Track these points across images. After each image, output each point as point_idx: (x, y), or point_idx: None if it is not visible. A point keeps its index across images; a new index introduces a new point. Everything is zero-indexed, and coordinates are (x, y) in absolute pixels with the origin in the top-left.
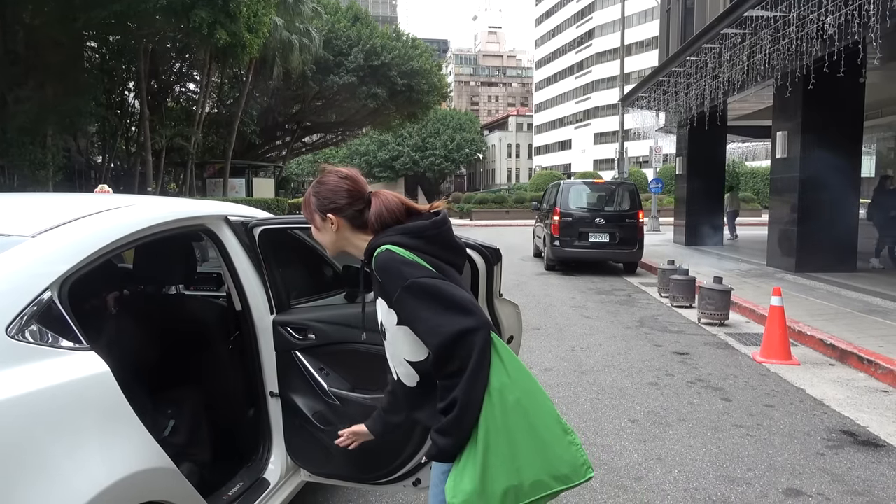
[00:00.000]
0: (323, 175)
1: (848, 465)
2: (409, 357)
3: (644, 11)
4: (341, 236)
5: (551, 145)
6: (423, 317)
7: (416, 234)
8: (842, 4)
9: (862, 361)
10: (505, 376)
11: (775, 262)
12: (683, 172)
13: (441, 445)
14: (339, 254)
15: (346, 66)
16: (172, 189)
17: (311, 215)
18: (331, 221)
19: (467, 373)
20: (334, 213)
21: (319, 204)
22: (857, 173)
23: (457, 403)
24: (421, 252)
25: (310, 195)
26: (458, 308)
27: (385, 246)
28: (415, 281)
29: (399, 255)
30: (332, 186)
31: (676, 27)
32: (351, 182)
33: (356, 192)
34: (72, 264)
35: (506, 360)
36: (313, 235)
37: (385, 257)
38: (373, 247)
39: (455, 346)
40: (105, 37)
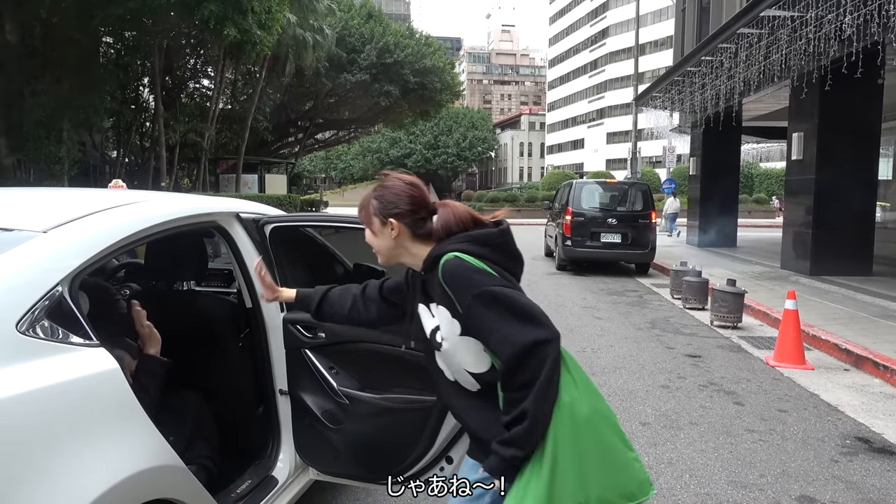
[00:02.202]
0: (386, 179)
1: (862, 473)
2: (472, 368)
3: (659, 10)
4: (399, 243)
5: (564, 144)
6: (494, 326)
7: (484, 242)
8: (861, 4)
9: (878, 367)
10: (574, 390)
11: (789, 264)
12: (697, 173)
13: (507, 457)
14: (391, 262)
15: (359, 63)
16: (186, 185)
17: (370, 218)
18: (391, 227)
19: (538, 384)
20: (396, 219)
21: (382, 208)
22: (875, 176)
23: (527, 415)
24: (487, 260)
25: (370, 198)
26: (530, 318)
27: (453, 253)
28: (487, 289)
29: (468, 262)
30: (397, 191)
31: (692, 26)
32: (416, 189)
33: (421, 199)
34: (83, 260)
35: (574, 373)
36: (368, 240)
37: (454, 264)
38: (438, 254)
39: (528, 356)
40: (120, 32)
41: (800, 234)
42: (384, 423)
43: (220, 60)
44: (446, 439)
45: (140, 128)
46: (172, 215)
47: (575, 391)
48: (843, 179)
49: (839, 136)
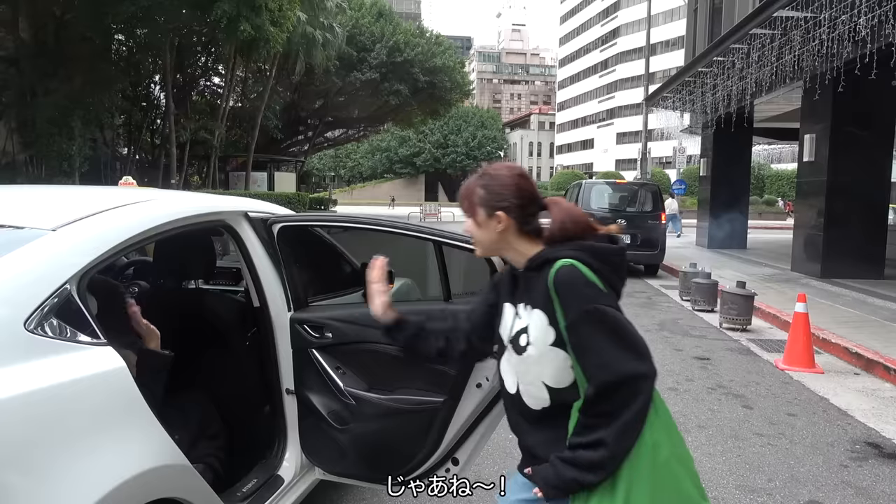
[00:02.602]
0: (493, 168)
1: (872, 479)
2: (551, 382)
3: (670, 10)
4: (503, 237)
5: (573, 144)
6: (596, 347)
7: (602, 257)
8: (875, 5)
9: (889, 371)
10: (660, 432)
11: (800, 267)
12: (707, 174)
13: (567, 478)
14: (489, 255)
15: (368, 62)
16: (196, 182)
17: (474, 209)
18: (498, 220)
19: (624, 418)
20: (505, 212)
21: (489, 199)
22: (887, 178)
23: (604, 445)
24: (601, 276)
25: (475, 187)
26: (634, 348)
27: (570, 261)
28: (598, 307)
29: (584, 274)
30: (506, 182)
31: (703, 27)
32: (526, 182)
33: (531, 193)
34: (91, 259)
35: (661, 414)
36: (467, 230)
37: (569, 273)
38: (551, 257)
39: (622, 387)
40: (132, 30)
41: (811, 236)
42: (390, 423)
43: (231, 58)
44: (453, 440)
45: (151, 125)
46: (181, 214)
47: (660, 433)
48: (855, 181)
49: (852, 138)
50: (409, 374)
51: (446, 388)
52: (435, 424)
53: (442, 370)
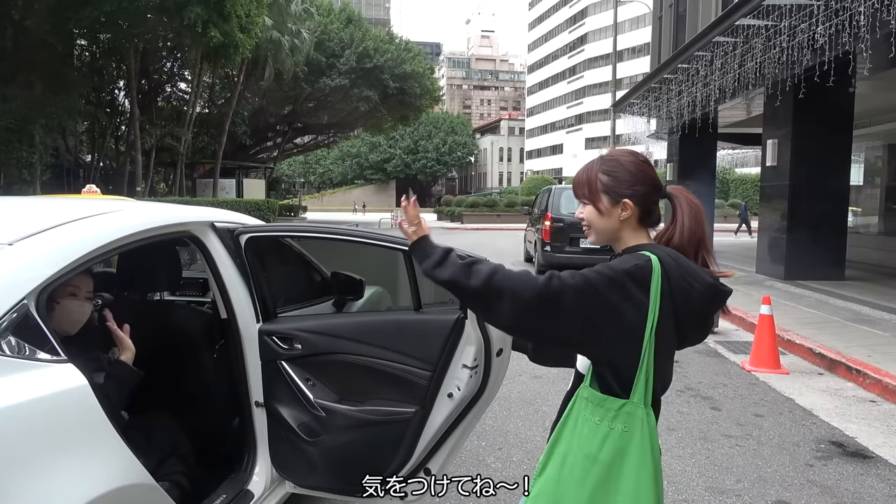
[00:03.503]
0: (616, 154)
1: (837, 477)
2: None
3: (636, 17)
4: (623, 227)
5: (543, 149)
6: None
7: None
8: (832, 14)
9: (850, 371)
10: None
11: (764, 269)
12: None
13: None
14: (604, 243)
15: (338, 68)
16: (162, 189)
17: (596, 195)
18: (623, 207)
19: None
20: (631, 199)
21: (615, 185)
22: (847, 182)
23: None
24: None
25: (596, 172)
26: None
27: (654, 256)
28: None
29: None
30: (632, 169)
31: (668, 34)
32: (651, 168)
33: (655, 181)
34: (50, 274)
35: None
36: (586, 216)
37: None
38: (641, 248)
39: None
40: (95, 35)
41: (774, 239)
42: (362, 435)
43: (198, 64)
44: (425, 450)
45: (115, 132)
46: (145, 226)
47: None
48: (816, 185)
49: (812, 143)
50: (380, 384)
51: (418, 398)
52: (406, 435)
53: (413, 380)
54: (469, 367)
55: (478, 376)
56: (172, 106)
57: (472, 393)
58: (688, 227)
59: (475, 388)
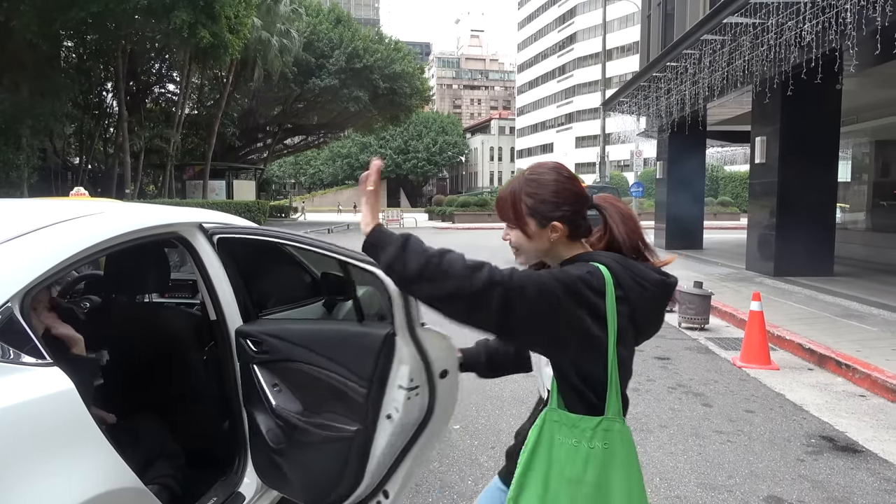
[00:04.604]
0: (537, 172)
1: (827, 472)
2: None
3: (625, 16)
4: (554, 245)
5: (533, 148)
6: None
7: (639, 281)
8: (819, 12)
9: (840, 366)
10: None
11: (754, 265)
12: (664, 177)
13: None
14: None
15: (327, 68)
16: (151, 191)
17: (522, 219)
18: (553, 230)
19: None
20: (560, 221)
21: (541, 208)
22: (835, 178)
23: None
24: (624, 293)
25: (520, 195)
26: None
27: (601, 265)
28: (563, 273)
29: (603, 276)
30: (556, 188)
31: (657, 33)
32: (575, 183)
33: (583, 195)
34: (36, 275)
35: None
36: (513, 240)
37: (584, 267)
38: (587, 259)
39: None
40: (83, 37)
41: (764, 235)
42: (314, 448)
43: (186, 65)
44: (380, 472)
45: (103, 134)
46: (132, 227)
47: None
48: (804, 182)
49: (800, 140)
50: (329, 397)
51: (359, 416)
52: (352, 454)
53: (354, 397)
54: (405, 388)
55: (420, 399)
56: (161, 107)
57: (415, 417)
58: (623, 234)
59: (419, 412)
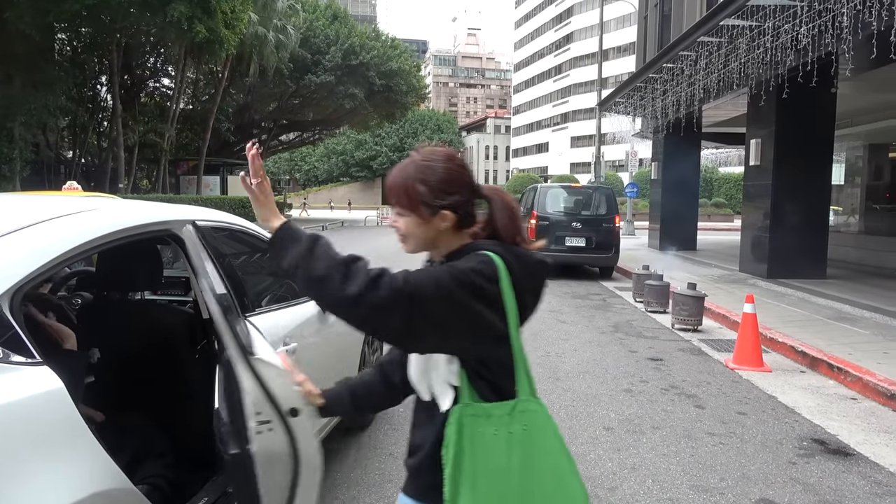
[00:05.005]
0: (428, 158)
1: (819, 475)
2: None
3: (622, 17)
4: (441, 234)
5: (529, 148)
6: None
7: (527, 265)
8: (815, 16)
9: (832, 369)
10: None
11: (747, 267)
12: (658, 178)
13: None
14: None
15: (323, 64)
16: (145, 186)
17: (415, 206)
18: (443, 217)
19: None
20: (451, 209)
21: (433, 196)
22: (829, 181)
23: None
24: (517, 283)
25: (413, 181)
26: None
27: (491, 254)
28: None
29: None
30: (449, 176)
31: (654, 34)
32: (466, 170)
33: (473, 184)
34: (25, 274)
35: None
36: (402, 226)
37: (478, 257)
38: (473, 250)
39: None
40: (77, 29)
41: (757, 237)
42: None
43: (181, 59)
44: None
45: (97, 127)
46: (124, 224)
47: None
48: (798, 185)
49: (795, 143)
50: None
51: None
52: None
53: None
54: (254, 420)
55: (277, 437)
56: (156, 102)
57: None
58: (504, 225)
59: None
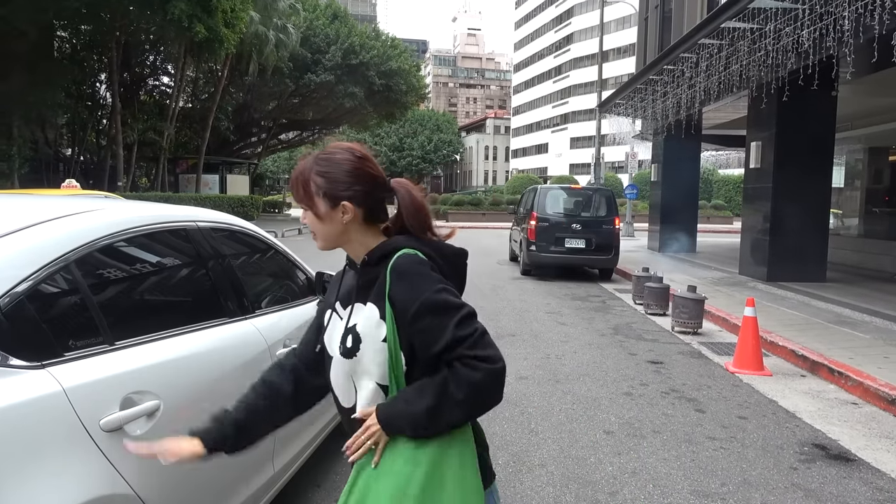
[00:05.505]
0: (329, 151)
1: (820, 480)
2: (380, 380)
3: (622, 18)
4: (348, 229)
5: (528, 148)
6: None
7: (445, 256)
8: (817, 19)
9: (832, 373)
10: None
11: (747, 270)
12: (658, 179)
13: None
14: (332, 248)
15: (323, 64)
16: (144, 184)
17: (312, 199)
18: (343, 210)
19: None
20: (350, 201)
21: (330, 187)
22: (829, 184)
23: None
24: (442, 274)
25: (310, 173)
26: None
27: (413, 250)
28: (444, 297)
29: (426, 261)
30: (348, 167)
31: (654, 35)
32: (370, 164)
33: (378, 177)
34: (25, 274)
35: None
36: (307, 222)
37: (412, 259)
38: (391, 248)
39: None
40: (76, 27)
41: (757, 240)
42: None
43: (181, 58)
44: None
45: (96, 125)
46: (127, 224)
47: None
48: (798, 187)
49: (795, 146)
50: None
51: None
52: None
53: None
54: None
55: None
56: (155, 100)
57: None
58: (411, 220)
59: None
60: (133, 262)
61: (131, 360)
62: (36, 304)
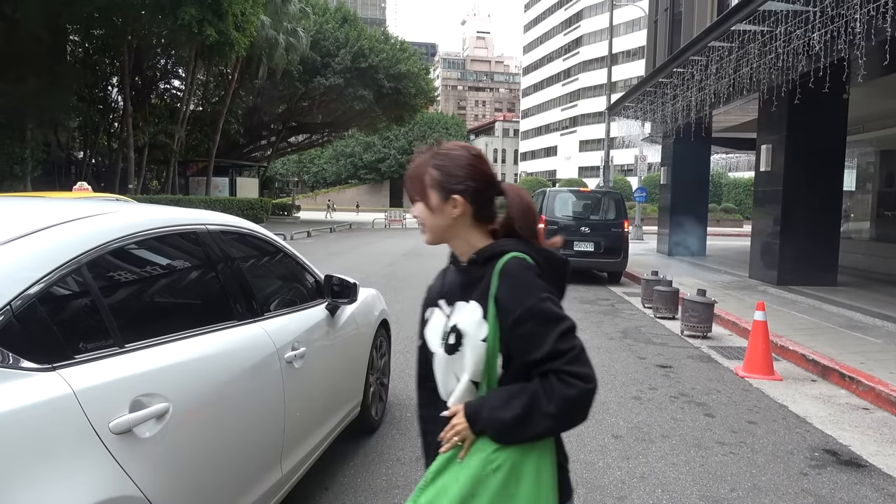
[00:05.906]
0: (447, 147)
1: (831, 486)
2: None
3: (632, 21)
4: (457, 223)
5: (537, 151)
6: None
7: (551, 263)
8: (828, 21)
9: (843, 378)
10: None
11: (757, 274)
12: (668, 182)
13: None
14: (439, 242)
15: (333, 67)
16: (154, 187)
17: (425, 191)
18: (454, 204)
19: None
20: (462, 195)
21: (444, 180)
22: (840, 188)
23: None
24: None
25: (426, 166)
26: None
27: (521, 254)
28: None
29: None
30: (463, 163)
31: (664, 38)
32: (484, 163)
33: (490, 176)
34: (38, 276)
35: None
36: (417, 214)
37: (521, 264)
38: (500, 250)
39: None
40: (89, 31)
41: (767, 244)
42: None
43: (192, 61)
44: None
45: (108, 128)
46: (138, 228)
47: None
48: (809, 191)
49: (806, 149)
50: None
51: None
52: None
53: None
54: None
55: None
56: (166, 103)
57: None
58: (522, 223)
59: None
60: (143, 264)
61: (141, 363)
62: (47, 307)
